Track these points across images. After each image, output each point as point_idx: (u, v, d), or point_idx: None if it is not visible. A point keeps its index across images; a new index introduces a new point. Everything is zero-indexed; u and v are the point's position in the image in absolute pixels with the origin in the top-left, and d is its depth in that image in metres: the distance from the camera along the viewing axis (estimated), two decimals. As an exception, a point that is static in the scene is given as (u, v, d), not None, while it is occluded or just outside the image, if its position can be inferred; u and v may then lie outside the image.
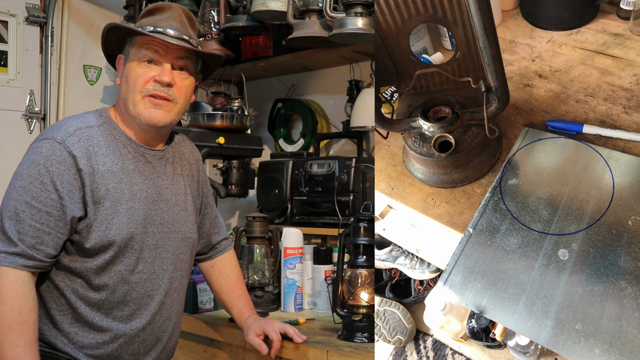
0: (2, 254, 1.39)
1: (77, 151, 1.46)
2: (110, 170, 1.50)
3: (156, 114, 1.53)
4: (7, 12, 2.74)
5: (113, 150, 1.52)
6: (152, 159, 1.59)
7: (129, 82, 1.53)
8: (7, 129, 2.69)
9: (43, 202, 1.42)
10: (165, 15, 1.56)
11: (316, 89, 2.90)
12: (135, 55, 1.54)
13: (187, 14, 1.60)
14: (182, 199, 1.65)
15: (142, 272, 1.54)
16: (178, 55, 1.54)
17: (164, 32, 1.53)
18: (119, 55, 1.60)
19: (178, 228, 1.62)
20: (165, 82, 1.52)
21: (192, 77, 1.59)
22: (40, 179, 1.42)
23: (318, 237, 2.44)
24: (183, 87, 1.56)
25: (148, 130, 1.56)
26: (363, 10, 2.01)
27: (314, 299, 2.16)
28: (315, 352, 1.66)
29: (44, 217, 1.42)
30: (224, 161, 2.60)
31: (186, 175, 1.69)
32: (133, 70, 1.53)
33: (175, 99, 1.55)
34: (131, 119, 1.55)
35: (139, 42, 1.54)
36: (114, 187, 1.50)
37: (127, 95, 1.53)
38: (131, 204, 1.52)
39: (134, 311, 1.54)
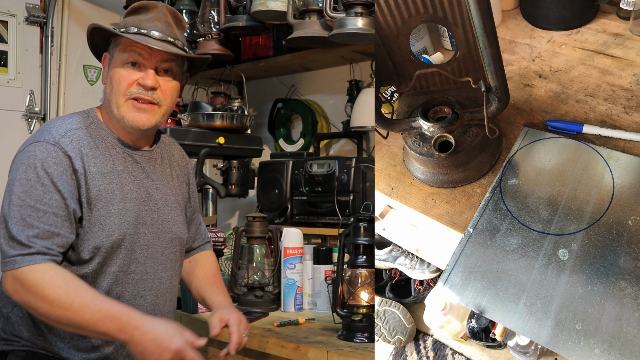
0: (19, 257, 1.36)
1: (71, 152, 1.46)
2: (101, 172, 1.49)
3: (140, 118, 1.51)
4: (7, 12, 2.74)
5: (102, 151, 1.52)
6: (140, 159, 1.59)
7: (112, 84, 1.52)
8: (7, 129, 2.69)
9: (48, 203, 1.40)
10: (150, 16, 1.54)
11: (316, 89, 2.89)
12: (119, 57, 1.52)
13: (172, 13, 1.57)
14: (171, 199, 1.64)
15: (135, 272, 1.53)
16: (162, 58, 1.52)
17: (148, 34, 1.50)
18: (105, 53, 1.58)
19: (168, 228, 1.61)
20: (148, 86, 1.50)
21: (177, 79, 1.58)
22: (41, 181, 1.41)
23: (318, 237, 2.44)
24: (168, 89, 1.54)
25: (132, 132, 1.55)
26: (363, 10, 2.01)
27: (314, 299, 2.16)
28: (315, 352, 1.66)
29: (52, 219, 1.40)
30: (224, 161, 2.60)
31: (176, 176, 1.69)
32: (117, 73, 1.51)
33: (160, 102, 1.53)
34: (116, 121, 1.54)
35: (123, 44, 1.52)
36: (105, 188, 1.49)
37: (111, 97, 1.52)
38: (122, 204, 1.51)
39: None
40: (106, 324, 1.35)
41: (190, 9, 2.64)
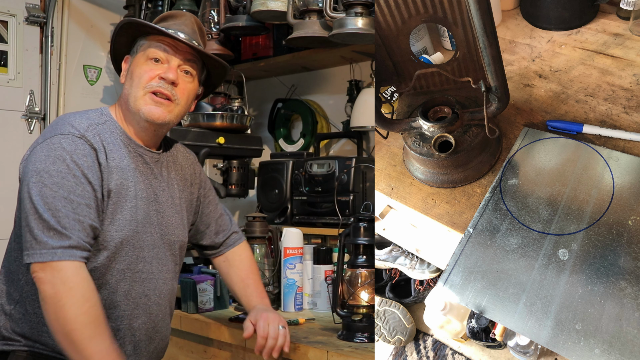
0: (59, 249, 1.36)
1: (96, 144, 1.48)
2: (119, 166, 1.51)
3: (156, 111, 1.53)
4: (7, 12, 2.74)
5: (118, 147, 1.53)
6: (149, 160, 1.60)
7: (133, 77, 1.54)
8: (7, 129, 2.70)
9: (80, 195, 1.41)
10: (178, 22, 1.59)
11: (316, 89, 2.90)
12: (143, 54, 1.55)
13: (198, 24, 1.62)
14: (176, 202, 1.66)
15: (142, 271, 1.54)
16: (185, 57, 1.56)
17: (175, 34, 1.55)
18: (126, 56, 1.61)
19: (172, 231, 1.63)
20: (170, 79, 1.52)
21: (195, 83, 1.61)
22: (72, 172, 1.41)
23: (318, 237, 2.44)
24: (186, 89, 1.57)
25: (146, 127, 1.56)
26: (363, 10, 2.01)
27: (314, 299, 2.16)
28: (315, 352, 1.66)
29: (85, 210, 1.41)
30: (224, 161, 2.60)
31: (179, 179, 1.70)
32: (139, 67, 1.54)
33: (177, 99, 1.55)
34: (131, 116, 1.56)
35: (150, 40, 1.56)
36: (121, 183, 1.50)
37: (130, 91, 1.54)
38: (134, 202, 1.53)
39: (132, 311, 1.54)
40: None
41: (190, 9, 2.64)
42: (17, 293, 1.50)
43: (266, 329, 1.60)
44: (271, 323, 1.62)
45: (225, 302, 2.17)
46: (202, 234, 1.82)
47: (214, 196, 1.83)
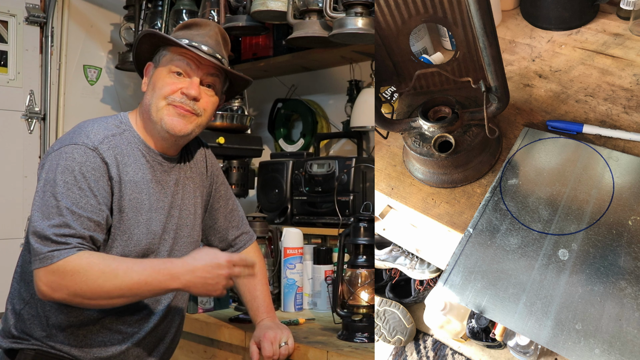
0: (55, 252, 1.35)
1: (109, 159, 1.46)
2: (133, 180, 1.50)
3: (178, 123, 1.52)
4: (7, 12, 2.74)
5: (134, 159, 1.52)
6: (168, 167, 1.59)
7: (155, 88, 1.53)
8: (7, 129, 2.69)
9: (84, 207, 1.40)
10: (201, 32, 1.56)
11: (316, 89, 2.89)
12: (166, 64, 1.53)
13: (222, 33, 1.60)
14: (191, 202, 1.66)
15: None
16: (208, 71, 1.55)
17: (198, 47, 1.53)
18: (149, 62, 1.59)
19: (187, 232, 1.63)
20: (192, 95, 1.51)
21: (218, 96, 1.59)
22: (78, 184, 1.40)
23: (318, 237, 2.44)
24: (209, 102, 1.56)
25: (167, 138, 1.55)
26: (363, 10, 2.01)
27: (314, 299, 2.16)
28: (315, 352, 1.66)
29: (86, 223, 1.39)
30: (224, 161, 2.60)
31: (195, 176, 1.69)
32: (161, 79, 1.53)
33: (200, 113, 1.54)
34: (152, 126, 1.54)
35: (172, 53, 1.54)
36: (135, 197, 1.50)
37: (152, 101, 1.53)
38: (150, 214, 1.53)
39: (144, 315, 1.56)
40: (156, 279, 1.37)
41: (190, 9, 2.64)
42: (28, 294, 1.51)
43: (270, 350, 1.62)
44: (274, 342, 1.63)
45: (226, 302, 2.17)
46: (210, 230, 1.80)
47: (225, 191, 1.81)
